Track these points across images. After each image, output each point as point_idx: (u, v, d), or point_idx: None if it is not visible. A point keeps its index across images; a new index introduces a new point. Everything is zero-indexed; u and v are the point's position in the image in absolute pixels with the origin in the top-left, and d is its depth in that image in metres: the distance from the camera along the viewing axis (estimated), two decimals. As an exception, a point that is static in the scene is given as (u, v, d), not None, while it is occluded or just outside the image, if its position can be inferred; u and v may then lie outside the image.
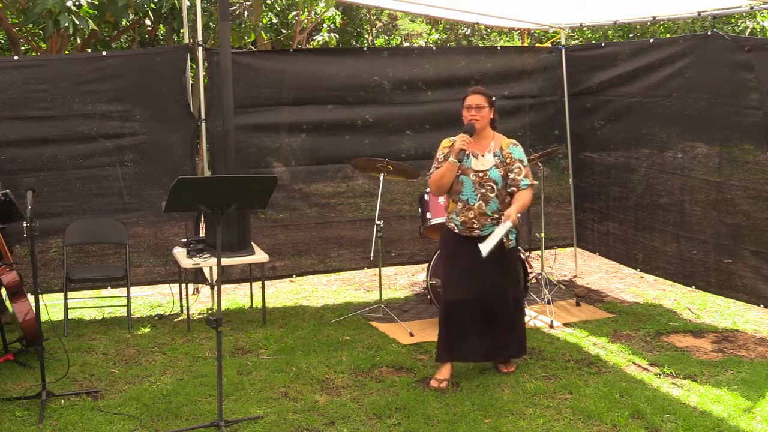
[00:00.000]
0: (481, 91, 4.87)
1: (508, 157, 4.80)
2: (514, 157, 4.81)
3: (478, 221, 4.79)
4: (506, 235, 4.78)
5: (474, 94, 4.84)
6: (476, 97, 4.81)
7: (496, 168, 4.78)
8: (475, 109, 4.79)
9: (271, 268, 6.85)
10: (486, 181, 4.77)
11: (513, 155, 4.81)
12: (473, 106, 4.80)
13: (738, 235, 5.96)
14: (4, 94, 6.03)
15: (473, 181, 4.79)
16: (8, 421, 4.31)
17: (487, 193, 4.77)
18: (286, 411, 4.44)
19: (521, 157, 4.83)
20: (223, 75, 6.11)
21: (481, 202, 4.77)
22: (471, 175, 4.79)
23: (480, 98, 4.81)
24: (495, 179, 4.77)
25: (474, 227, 4.80)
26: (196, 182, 4.41)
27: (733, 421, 4.25)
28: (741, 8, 6.13)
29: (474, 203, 4.78)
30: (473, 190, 4.79)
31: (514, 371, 5.01)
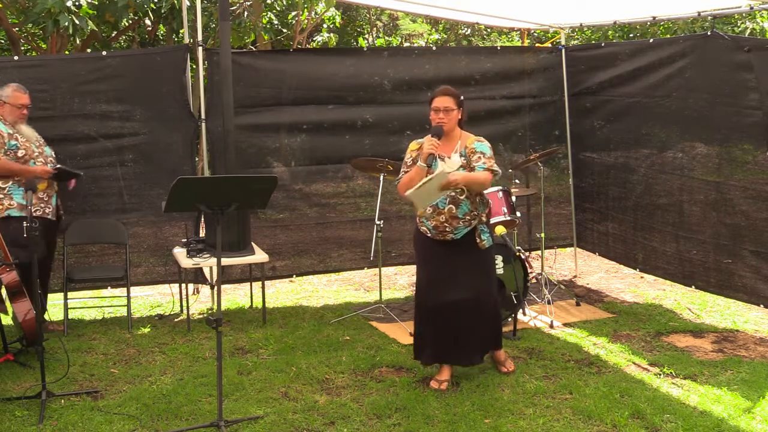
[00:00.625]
0: (448, 92, 4.71)
1: (471, 152, 4.68)
2: (476, 150, 4.67)
3: (450, 224, 4.69)
4: (478, 235, 4.73)
5: (442, 95, 4.68)
6: (444, 99, 4.67)
7: (462, 169, 4.64)
8: (443, 111, 4.66)
9: (271, 268, 6.85)
10: None
11: (476, 149, 4.68)
12: (441, 109, 4.66)
13: (738, 235, 5.96)
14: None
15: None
16: (8, 421, 4.31)
17: (456, 195, 4.65)
18: (286, 411, 4.44)
19: (483, 150, 4.68)
20: (223, 75, 6.11)
21: (452, 205, 4.67)
22: None
23: (448, 100, 4.67)
24: None
25: (447, 230, 4.71)
26: (196, 182, 4.41)
27: (733, 421, 4.25)
28: (741, 8, 6.12)
29: (444, 207, 4.67)
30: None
31: (514, 371, 5.00)
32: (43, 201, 5.61)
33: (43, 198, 5.62)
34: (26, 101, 5.62)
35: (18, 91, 5.61)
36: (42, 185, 5.56)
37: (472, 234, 4.74)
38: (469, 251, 4.74)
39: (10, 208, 5.48)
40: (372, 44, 16.95)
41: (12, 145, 5.50)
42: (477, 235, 4.74)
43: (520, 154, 7.59)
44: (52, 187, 5.73)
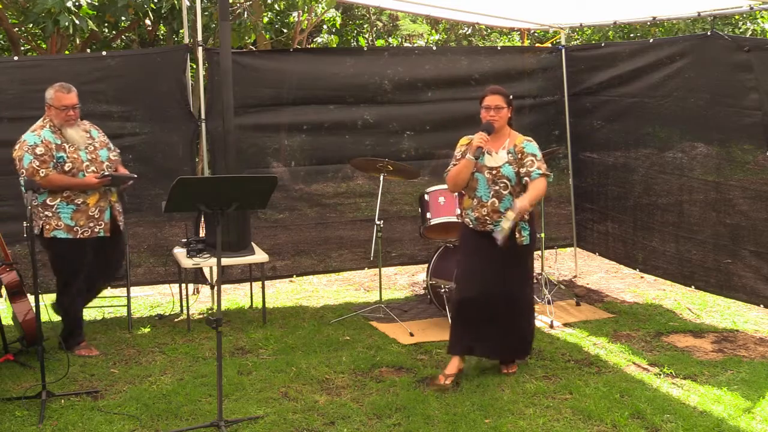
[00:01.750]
0: (499, 91, 4.92)
1: (521, 152, 4.84)
2: (526, 151, 4.84)
3: (491, 218, 4.84)
4: (519, 231, 4.82)
5: (493, 94, 4.90)
6: (495, 97, 4.88)
7: (509, 165, 4.82)
8: (494, 109, 4.86)
9: (271, 268, 6.85)
10: (499, 178, 4.80)
11: (525, 150, 4.84)
12: (492, 107, 4.86)
13: (737, 236, 5.96)
14: (4, 94, 6.03)
15: (487, 178, 4.82)
16: (8, 421, 4.31)
17: (500, 190, 4.81)
18: (286, 411, 4.44)
19: (534, 152, 4.85)
20: (223, 75, 6.11)
21: (494, 199, 4.82)
22: (485, 173, 4.83)
23: (499, 99, 4.88)
24: (508, 176, 4.80)
25: (487, 222, 4.86)
26: (196, 182, 4.41)
27: (733, 421, 4.25)
28: (741, 8, 6.13)
29: (487, 200, 4.83)
30: (487, 188, 4.83)
31: (515, 372, 5.00)
32: (93, 219, 5.21)
33: (93, 215, 5.21)
34: (70, 101, 5.10)
35: (60, 91, 5.11)
36: (92, 198, 5.19)
37: (513, 229, 4.81)
38: (510, 246, 4.80)
39: (57, 229, 5.12)
40: (372, 44, 16.95)
41: (59, 157, 5.07)
42: (517, 231, 4.83)
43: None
44: (105, 198, 5.29)
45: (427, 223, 6.16)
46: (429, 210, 6.15)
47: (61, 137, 5.11)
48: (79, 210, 5.14)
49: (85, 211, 5.15)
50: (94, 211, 5.20)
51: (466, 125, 6.74)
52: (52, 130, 5.11)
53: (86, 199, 5.15)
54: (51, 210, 5.10)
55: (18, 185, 5.19)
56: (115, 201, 5.39)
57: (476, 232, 4.92)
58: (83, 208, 5.15)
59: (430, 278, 6.14)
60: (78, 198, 5.13)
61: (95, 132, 5.40)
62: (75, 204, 5.13)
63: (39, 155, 5.01)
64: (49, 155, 5.03)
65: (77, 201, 5.13)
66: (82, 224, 5.14)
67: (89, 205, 5.16)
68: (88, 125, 5.39)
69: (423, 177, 6.98)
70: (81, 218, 5.13)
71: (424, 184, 6.81)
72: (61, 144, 5.10)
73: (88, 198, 5.16)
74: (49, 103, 5.12)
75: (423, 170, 6.97)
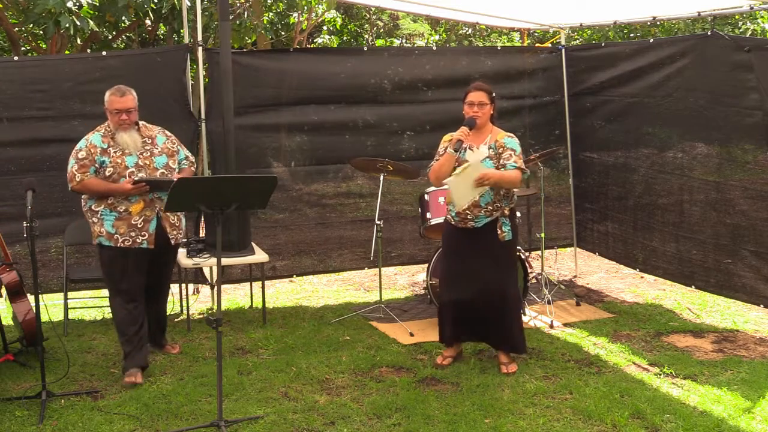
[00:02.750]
0: (483, 87, 5.00)
1: (501, 147, 4.89)
2: (506, 146, 4.90)
3: (471, 212, 4.89)
4: (500, 227, 4.89)
5: (476, 90, 4.97)
6: (479, 93, 4.95)
7: (489, 159, 4.87)
8: (477, 105, 4.93)
9: (271, 268, 6.85)
10: None
11: (506, 145, 4.90)
12: (476, 103, 4.93)
13: (738, 236, 5.96)
14: (4, 95, 6.02)
15: None
16: (8, 421, 4.31)
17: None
18: (286, 411, 4.44)
19: (513, 147, 4.91)
20: (223, 75, 6.10)
21: None
22: None
23: (482, 95, 4.95)
24: None
25: (468, 218, 4.91)
26: (196, 182, 4.41)
27: (733, 421, 4.25)
28: (741, 8, 6.13)
29: None
30: None
31: (515, 372, 5.00)
32: (135, 228, 4.88)
33: (136, 224, 4.88)
34: (122, 105, 4.86)
35: (114, 94, 4.90)
36: (135, 206, 4.87)
37: (494, 225, 4.91)
38: (491, 242, 4.91)
39: (100, 236, 4.92)
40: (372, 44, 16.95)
41: (101, 161, 4.85)
42: (498, 227, 4.91)
43: (521, 154, 7.58)
44: (151, 207, 4.93)
45: (427, 223, 6.16)
46: (429, 210, 6.15)
47: (110, 141, 4.91)
48: (121, 218, 4.87)
49: (127, 219, 4.87)
50: (137, 221, 4.89)
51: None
52: (104, 134, 4.94)
53: (129, 207, 4.87)
54: (96, 216, 4.92)
55: (18, 185, 5.19)
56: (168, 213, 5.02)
57: (458, 229, 4.99)
58: (125, 217, 4.87)
59: (430, 278, 6.14)
60: (121, 205, 4.87)
61: (162, 138, 5.14)
62: (117, 211, 4.88)
63: (80, 159, 4.86)
64: (90, 159, 4.85)
65: (120, 209, 4.87)
66: (123, 232, 4.87)
67: (132, 214, 4.88)
68: (157, 131, 5.15)
69: (423, 177, 6.94)
70: (122, 226, 4.87)
71: (424, 184, 6.80)
72: (107, 148, 4.89)
73: (132, 206, 4.87)
74: (105, 106, 4.95)
75: (423, 170, 6.92)
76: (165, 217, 5.00)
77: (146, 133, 5.05)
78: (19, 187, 5.11)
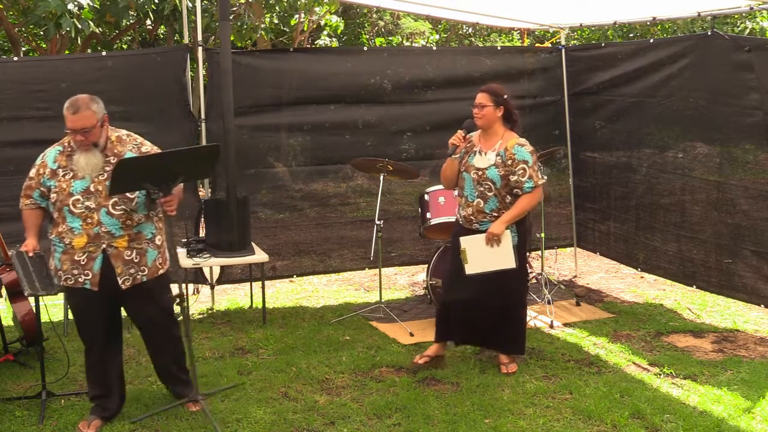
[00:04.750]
0: (487, 89, 4.92)
1: (511, 158, 4.78)
2: (517, 158, 4.77)
3: (476, 218, 4.87)
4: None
5: (480, 92, 4.92)
6: (481, 95, 4.90)
7: (495, 168, 4.79)
8: (477, 107, 4.87)
9: (271, 268, 6.84)
10: (484, 179, 4.80)
11: (516, 156, 4.78)
12: (477, 105, 4.89)
13: (738, 235, 5.96)
14: (4, 95, 6.02)
15: (473, 178, 4.84)
16: (8, 421, 4.31)
17: (485, 191, 4.82)
18: (286, 411, 4.44)
19: (526, 158, 4.78)
20: (223, 75, 6.10)
21: (480, 199, 4.83)
22: (472, 173, 4.83)
23: (484, 97, 4.87)
24: (492, 179, 4.78)
25: (473, 222, 4.89)
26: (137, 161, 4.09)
27: (733, 421, 4.25)
28: (741, 8, 6.12)
29: (473, 200, 4.86)
30: (472, 188, 4.86)
31: (515, 372, 5.00)
32: (78, 265, 4.07)
33: (79, 260, 4.07)
34: (74, 124, 4.02)
35: (68, 110, 4.08)
36: (78, 239, 4.04)
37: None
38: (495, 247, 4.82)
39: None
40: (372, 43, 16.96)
41: (48, 185, 4.11)
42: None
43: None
44: (97, 243, 4.06)
45: (427, 223, 6.16)
46: (429, 210, 6.15)
47: (64, 160, 4.15)
48: (66, 252, 4.09)
49: (72, 254, 4.07)
50: (80, 257, 4.07)
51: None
52: (63, 150, 4.19)
53: (72, 240, 4.05)
54: (51, 245, 4.19)
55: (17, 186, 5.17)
56: (124, 248, 4.10)
57: (465, 230, 4.96)
58: (69, 250, 4.08)
59: (430, 278, 6.14)
60: (66, 236, 4.07)
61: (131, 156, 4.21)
62: (64, 243, 4.09)
63: (29, 179, 4.21)
64: (36, 182, 4.16)
65: (66, 240, 4.08)
66: (66, 269, 4.09)
67: (75, 248, 4.06)
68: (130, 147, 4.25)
69: (423, 177, 6.97)
70: (66, 261, 4.10)
71: (424, 184, 6.81)
72: (57, 169, 4.12)
73: (75, 239, 4.05)
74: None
75: (423, 170, 6.96)
76: (116, 254, 4.09)
77: (114, 151, 4.17)
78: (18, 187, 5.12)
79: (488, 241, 4.74)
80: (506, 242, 4.74)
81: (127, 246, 4.11)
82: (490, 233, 4.72)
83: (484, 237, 4.75)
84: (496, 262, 4.76)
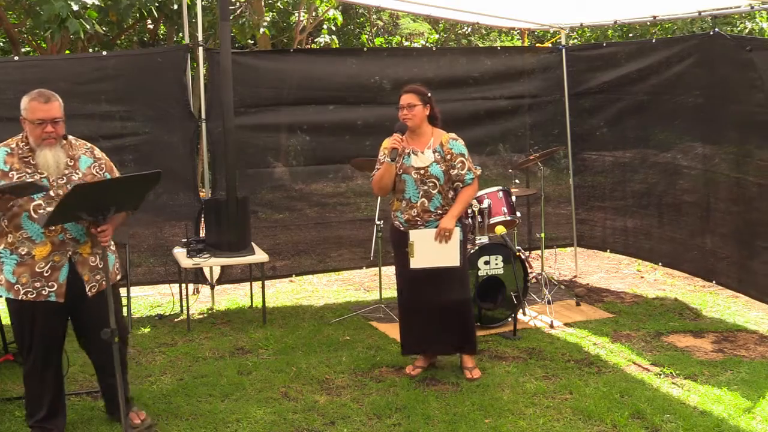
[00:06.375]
0: (412, 89, 4.88)
1: (449, 152, 4.82)
2: (454, 152, 4.82)
3: (421, 218, 4.83)
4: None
5: (406, 93, 4.87)
6: (408, 96, 4.85)
7: (436, 164, 4.80)
8: (407, 108, 4.83)
9: (271, 268, 6.85)
10: (427, 177, 4.79)
11: (453, 150, 4.83)
12: (405, 106, 4.84)
13: (739, 235, 5.96)
14: (4, 95, 6.02)
15: (415, 179, 4.81)
16: (8, 421, 4.31)
17: (429, 189, 4.80)
18: (286, 411, 4.44)
19: (462, 151, 4.85)
20: (223, 75, 6.11)
21: (424, 199, 4.81)
22: (412, 173, 4.82)
23: (411, 97, 4.84)
24: (436, 175, 4.79)
25: (418, 224, 4.84)
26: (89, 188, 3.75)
27: (733, 421, 4.25)
28: (741, 8, 6.13)
29: (417, 201, 4.82)
30: (415, 188, 4.82)
31: (479, 378, 4.91)
32: (40, 277, 3.80)
33: (41, 271, 3.80)
34: (47, 114, 3.80)
35: (36, 100, 3.83)
36: (39, 249, 3.78)
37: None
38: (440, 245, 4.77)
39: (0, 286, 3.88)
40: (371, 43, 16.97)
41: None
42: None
43: (520, 154, 7.59)
44: (62, 251, 3.83)
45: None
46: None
47: (15, 162, 3.81)
48: (24, 263, 3.80)
49: (31, 265, 3.79)
50: (43, 267, 3.80)
51: (466, 125, 6.77)
52: (12, 151, 3.84)
53: (32, 250, 3.78)
54: None
55: None
56: (88, 254, 3.91)
57: (407, 235, 4.83)
58: (28, 261, 3.79)
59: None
60: (22, 247, 3.79)
61: (87, 160, 3.99)
62: (18, 254, 3.80)
63: None
64: None
65: (21, 251, 3.79)
66: (25, 282, 3.80)
67: (35, 259, 3.79)
68: (83, 150, 4.02)
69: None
70: (24, 274, 3.80)
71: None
72: (8, 171, 3.79)
73: (35, 248, 3.78)
74: (23, 115, 3.87)
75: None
76: (81, 261, 3.89)
77: (70, 152, 3.95)
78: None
79: (439, 237, 4.71)
80: (454, 239, 4.75)
81: (90, 252, 3.93)
82: (443, 228, 4.70)
83: (433, 232, 4.72)
84: (442, 259, 4.75)
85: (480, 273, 5.80)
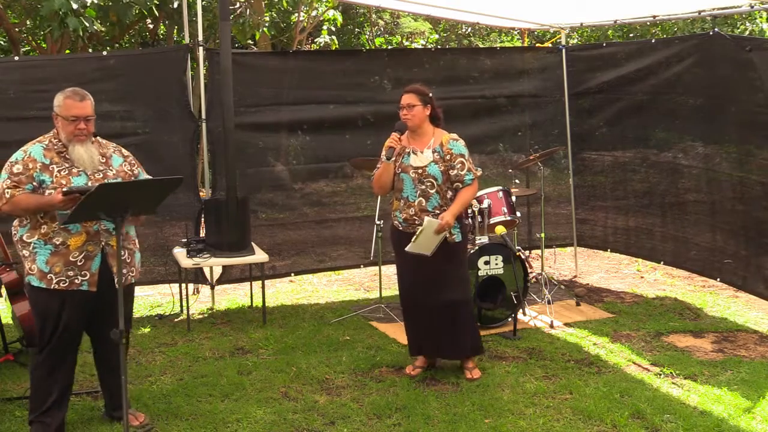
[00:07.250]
0: (412, 89, 4.89)
1: (449, 153, 4.81)
2: (454, 152, 4.82)
3: (419, 217, 4.81)
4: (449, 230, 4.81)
5: (406, 93, 4.89)
6: (408, 96, 4.86)
7: (435, 164, 4.80)
8: (406, 108, 4.85)
9: (270, 267, 6.85)
10: (425, 177, 4.79)
11: (453, 151, 4.82)
12: (405, 106, 4.85)
13: (739, 235, 5.97)
14: (5, 95, 6.02)
15: (413, 178, 4.81)
16: (8, 421, 4.31)
17: (427, 189, 4.79)
18: (286, 411, 4.44)
19: (462, 152, 4.84)
20: (223, 75, 6.11)
21: (422, 198, 4.80)
22: (410, 172, 4.82)
23: (411, 97, 4.85)
24: (434, 175, 4.78)
25: (416, 223, 4.82)
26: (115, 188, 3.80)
27: (733, 421, 4.25)
28: (741, 8, 6.13)
29: (414, 200, 4.82)
30: (413, 187, 4.82)
31: (479, 378, 4.92)
32: (74, 266, 3.93)
33: (75, 261, 3.93)
34: (82, 111, 3.98)
35: (71, 98, 4.02)
36: (75, 239, 3.91)
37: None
38: (441, 245, 4.78)
39: (30, 274, 3.96)
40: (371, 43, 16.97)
41: (40, 179, 3.90)
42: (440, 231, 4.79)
43: (520, 154, 7.60)
44: (96, 241, 3.96)
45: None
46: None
47: (54, 156, 3.99)
48: (58, 253, 3.92)
49: (65, 254, 3.91)
50: (77, 257, 3.93)
51: (466, 125, 6.77)
52: (48, 146, 4.01)
53: (67, 240, 3.90)
54: (28, 249, 3.96)
55: None
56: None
57: (407, 234, 4.85)
58: (62, 251, 3.91)
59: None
60: (57, 237, 3.91)
61: (118, 159, 4.20)
62: (53, 244, 3.92)
63: (14, 174, 3.91)
64: (27, 176, 3.90)
65: (56, 241, 3.91)
66: (58, 271, 3.91)
67: (70, 248, 3.91)
68: (113, 149, 4.23)
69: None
70: (58, 263, 3.92)
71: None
72: (49, 165, 3.94)
73: (70, 238, 3.91)
74: (56, 111, 4.04)
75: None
76: (112, 253, 3.97)
77: (101, 150, 4.15)
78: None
79: (441, 229, 4.69)
80: (442, 235, 4.74)
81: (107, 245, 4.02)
82: (446, 222, 4.68)
83: (437, 223, 4.68)
84: (426, 248, 4.75)
85: (480, 273, 5.81)
